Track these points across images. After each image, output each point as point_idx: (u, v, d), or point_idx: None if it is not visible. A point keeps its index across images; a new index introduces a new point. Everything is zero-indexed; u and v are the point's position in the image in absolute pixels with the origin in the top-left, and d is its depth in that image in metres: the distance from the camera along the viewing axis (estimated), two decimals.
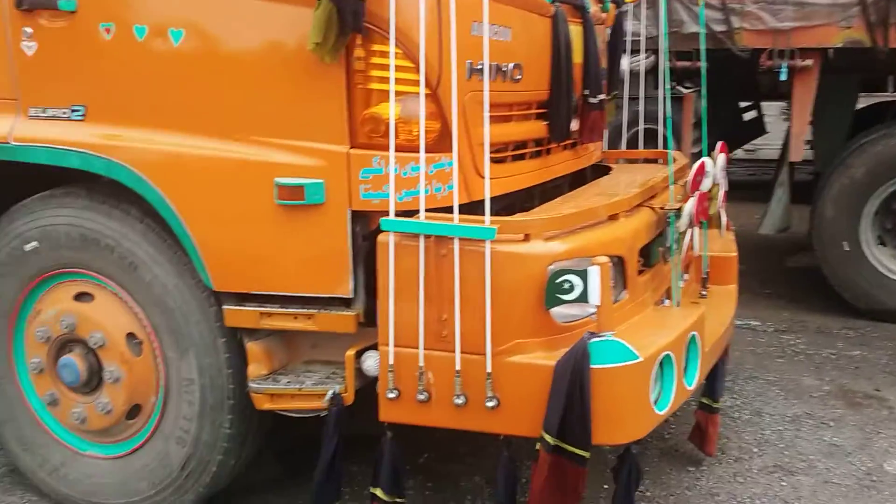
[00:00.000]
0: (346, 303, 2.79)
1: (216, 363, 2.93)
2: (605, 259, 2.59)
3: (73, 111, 2.91)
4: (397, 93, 2.61)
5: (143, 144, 2.82)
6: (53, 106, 2.93)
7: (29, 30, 2.91)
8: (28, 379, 3.21)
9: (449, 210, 2.68)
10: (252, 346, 2.90)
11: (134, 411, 3.09)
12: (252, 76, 2.73)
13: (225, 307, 2.87)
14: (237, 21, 2.73)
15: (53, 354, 3.11)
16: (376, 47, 2.63)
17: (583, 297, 2.58)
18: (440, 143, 2.74)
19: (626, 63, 4.34)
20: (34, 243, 3.05)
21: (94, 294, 3.05)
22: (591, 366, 2.52)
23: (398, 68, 2.61)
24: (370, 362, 2.77)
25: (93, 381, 3.08)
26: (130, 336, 3.02)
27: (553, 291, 2.60)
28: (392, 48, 2.59)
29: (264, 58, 2.74)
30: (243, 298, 2.85)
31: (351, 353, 2.79)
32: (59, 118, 2.93)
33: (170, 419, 3.02)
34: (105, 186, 2.96)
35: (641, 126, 4.58)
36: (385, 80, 2.63)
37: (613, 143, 4.88)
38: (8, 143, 2.97)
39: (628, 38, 4.30)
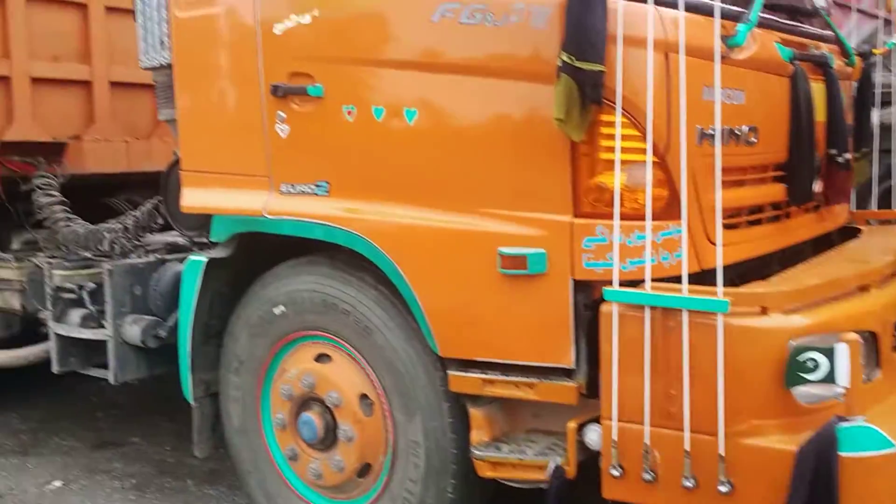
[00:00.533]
0: (567, 373, 2.76)
1: (441, 427, 2.99)
2: (854, 336, 2.36)
3: (318, 186, 3.15)
4: (623, 161, 2.58)
5: (379, 217, 2.99)
6: (301, 182, 3.19)
7: (282, 114, 3.20)
8: (272, 433, 3.45)
9: (677, 279, 2.58)
10: (475, 413, 2.93)
11: (364, 470, 3.21)
12: (479, 151, 2.82)
13: (450, 373, 2.93)
14: (465, 99, 2.84)
15: (295, 411, 3.32)
16: (602, 116, 2.62)
17: (829, 378, 2.36)
18: (668, 210, 2.67)
19: (876, 117, 4.00)
20: (282, 307, 3.31)
21: (332, 356, 3.25)
22: (840, 454, 2.29)
23: (625, 136, 2.58)
24: (593, 436, 2.70)
25: (328, 438, 3.25)
26: (363, 397, 3.16)
27: (794, 370, 2.41)
28: (618, 117, 2.57)
29: (490, 132, 2.81)
30: (467, 365, 2.90)
31: (573, 425, 2.73)
32: (306, 193, 3.18)
33: (397, 480, 3.11)
34: (343, 255, 3.16)
35: (895, 182, 4.18)
36: (611, 149, 2.61)
37: (862, 201, 4.48)
38: (263, 216, 3.27)
39: (877, 91, 3.97)
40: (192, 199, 3.53)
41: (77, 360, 4.13)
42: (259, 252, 3.45)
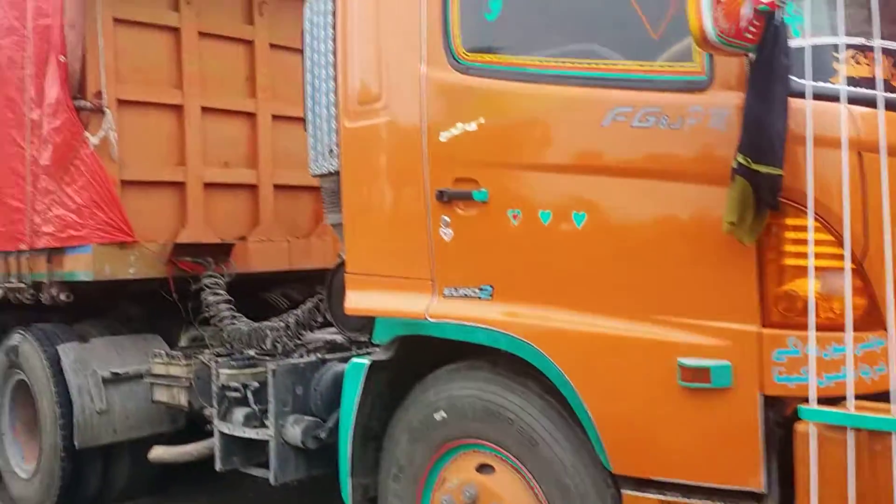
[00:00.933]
0: (757, 497, 2.53)
1: None
2: None
3: (482, 290, 3.11)
4: (817, 267, 2.40)
5: (546, 322, 2.91)
6: (465, 286, 3.16)
7: (447, 218, 3.22)
8: None
9: (878, 396, 2.34)
10: None
11: None
12: (653, 255, 2.71)
13: (623, 491, 2.75)
14: (637, 202, 2.76)
15: None
16: (790, 221, 2.47)
17: None
18: (866, 320, 2.46)
19: None
20: (442, 413, 3.24)
21: (495, 466, 3.13)
22: None
23: (816, 241, 2.41)
24: None
25: None
26: None
27: None
28: (811, 222, 2.41)
29: (665, 236, 2.71)
30: (643, 484, 2.72)
31: None
32: (470, 297, 3.14)
33: None
34: (506, 361, 3.08)
35: None
36: (800, 255, 2.44)
37: None
38: (425, 319, 3.25)
39: None
40: (357, 301, 3.58)
41: (239, 459, 4.19)
42: (419, 354, 3.42)
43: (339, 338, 4.41)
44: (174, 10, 5.18)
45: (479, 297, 3.12)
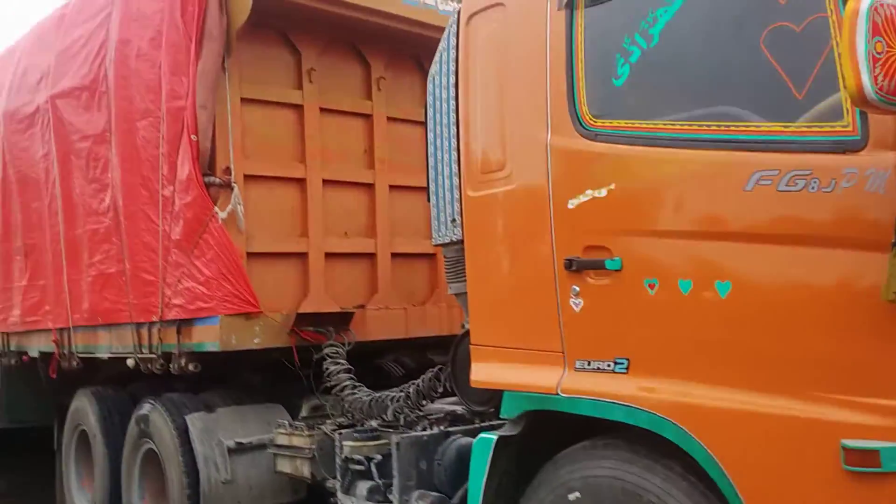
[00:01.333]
0: None
1: None
2: None
3: (617, 364, 2.98)
4: None
5: (689, 399, 2.75)
6: (597, 359, 3.04)
7: (576, 288, 3.11)
8: None
9: None
10: None
11: None
12: (807, 327, 2.53)
13: None
14: (787, 270, 2.59)
15: None
16: None
17: None
18: None
19: None
20: (577, 493, 3.08)
21: None
22: None
23: None
24: None
25: None
26: None
27: None
28: None
29: (820, 307, 2.52)
30: None
31: None
32: (603, 370, 3.01)
33: None
34: (644, 439, 2.92)
35: None
36: None
37: None
38: (557, 394, 3.14)
39: None
40: (482, 373, 3.50)
41: None
42: (548, 429, 3.29)
43: (459, 408, 4.32)
44: (297, 88, 5.36)
45: (614, 371, 2.98)
